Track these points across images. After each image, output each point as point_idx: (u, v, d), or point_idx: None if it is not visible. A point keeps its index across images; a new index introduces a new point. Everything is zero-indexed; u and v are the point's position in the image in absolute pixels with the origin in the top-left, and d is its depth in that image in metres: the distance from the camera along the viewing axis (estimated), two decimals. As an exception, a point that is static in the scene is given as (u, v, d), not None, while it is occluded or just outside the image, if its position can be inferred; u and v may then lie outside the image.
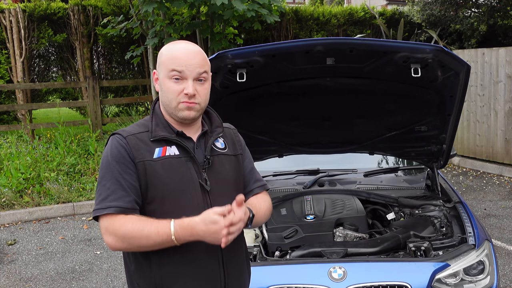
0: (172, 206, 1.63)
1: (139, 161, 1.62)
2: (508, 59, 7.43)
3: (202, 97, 1.68)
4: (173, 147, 1.67)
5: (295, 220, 2.81)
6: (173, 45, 1.70)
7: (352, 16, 11.24)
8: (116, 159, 1.61)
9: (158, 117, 1.71)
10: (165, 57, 1.67)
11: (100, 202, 1.59)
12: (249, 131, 3.12)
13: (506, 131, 7.61)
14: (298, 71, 2.66)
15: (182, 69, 1.63)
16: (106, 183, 1.60)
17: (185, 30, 8.10)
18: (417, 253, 2.50)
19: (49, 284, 4.25)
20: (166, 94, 1.66)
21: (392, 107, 2.98)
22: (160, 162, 1.63)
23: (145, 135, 1.67)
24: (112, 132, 1.71)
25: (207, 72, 1.68)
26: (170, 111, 1.68)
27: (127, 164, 1.61)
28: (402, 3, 17.47)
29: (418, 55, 2.43)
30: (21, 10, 9.02)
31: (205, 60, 1.69)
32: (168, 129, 1.69)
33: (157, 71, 1.71)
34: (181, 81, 1.64)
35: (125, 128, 1.71)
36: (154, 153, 1.64)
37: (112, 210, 1.57)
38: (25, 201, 6.20)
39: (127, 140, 1.63)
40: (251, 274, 1.92)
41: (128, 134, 1.66)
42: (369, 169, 3.52)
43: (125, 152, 1.61)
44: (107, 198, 1.59)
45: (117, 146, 1.62)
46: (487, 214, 5.76)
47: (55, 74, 10.72)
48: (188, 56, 1.64)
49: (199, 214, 1.56)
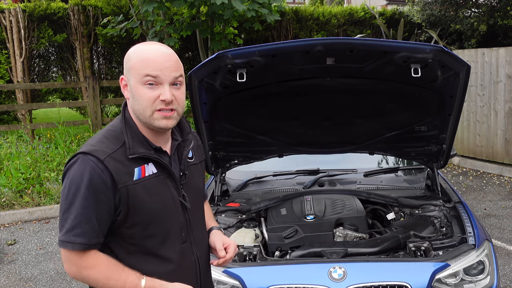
0: (155, 230, 1.54)
1: (122, 187, 1.46)
2: (508, 59, 7.43)
3: (180, 103, 1.54)
4: (150, 164, 1.54)
5: (295, 220, 2.81)
6: (143, 47, 1.53)
7: (352, 16, 11.25)
8: (90, 189, 1.43)
9: (133, 130, 1.54)
10: (136, 61, 1.49)
11: (66, 233, 1.44)
12: (249, 131, 3.13)
13: (506, 131, 7.61)
14: (298, 71, 2.66)
15: (157, 74, 1.47)
16: (73, 211, 1.43)
17: (185, 30, 8.10)
18: (417, 253, 2.50)
19: (49, 284, 4.25)
20: (139, 102, 1.49)
21: (392, 107, 2.98)
22: (141, 184, 1.49)
23: (121, 152, 1.49)
24: (81, 151, 1.47)
25: (182, 76, 1.55)
26: (144, 120, 1.51)
27: (103, 194, 1.44)
28: (402, 3, 17.48)
29: (418, 55, 2.43)
30: (21, 10, 9.02)
31: (179, 62, 1.55)
32: (145, 144, 1.53)
33: (126, 76, 1.53)
34: (155, 86, 1.48)
35: (94, 144, 1.49)
36: (133, 174, 1.49)
37: (76, 247, 1.44)
38: (25, 201, 6.20)
39: (105, 165, 1.44)
40: (251, 274, 1.95)
41: (104, 155, 1.45)
42: (369, 169, 3.52)
43: (101, 182, 1.43)
44: (72, 230, 1.43)
45: (92, 173, 1.43)
46: (487, 214, 5.76)
47: (55, 74, 10.72)
48: (162, 59, 1.49)
49: (180, 235, 1.59)
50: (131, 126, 1.54)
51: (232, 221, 2.95)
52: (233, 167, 3.40)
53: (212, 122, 2.94)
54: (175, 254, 1.58)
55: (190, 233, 1.64)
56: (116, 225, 1.49)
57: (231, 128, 3.06)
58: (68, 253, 1.47)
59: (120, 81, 1.57)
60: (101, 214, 1.45)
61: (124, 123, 1.54)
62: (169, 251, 1.57)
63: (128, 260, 1.52)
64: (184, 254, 1.61)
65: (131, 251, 1.52)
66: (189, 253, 1.64)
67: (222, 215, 3.00)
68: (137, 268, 1.51)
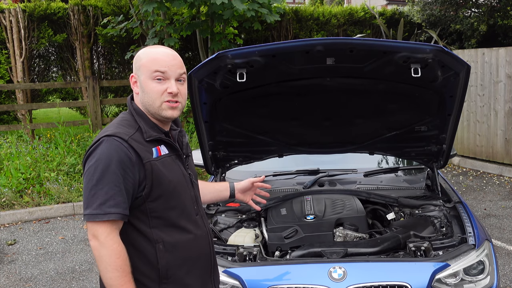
0: (175, 202, 1.74)
1: (146, 162, 1.66)
2: (508, 59, 7.43)
3: (183, 96, 1.78)
4: (163, 146, 1.77)
5: (295, 220, 2.81)
6: (152, 49, 1.78)
7: (352, 16, 11.25)
8: (118, 165, 1.61)
9: (143, 118, 1.76)
10: (146, 60, 1.73)
11: (99, 206, 1.59)
12: (249, 131, 3.13)
13: (506, 131, 7.61)
14: (298, 71, 2.65)
15: (165, 70, 1.71)
16: (104, 186, 1.59)
17: (185, 30, 8.10)
18: (417, 253, 2.49)
19: (49, 284, 4.25)
20: (149, 94, 1.73)
21: (392, 107, 2.98)
22: (160, 161, 1.71)
23: (138, 135, 1.71)
24: (104, 134, 1.67)
25: (185, 73, 1.80)
26: (153, 111, 1.74)
27: (130, 169, 1.63)
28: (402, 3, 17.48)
29: (418, 55, 2.43)
30: (21, 10, 9.02)
31: (183, 62, 1.79)
32: (157, 129, 1.77)
33: (136, 74, 1.76)
34: (163, 81, 1.72)
35: (114, 129, 1.69)
36: (152, 153, 1.71)
37: (113, 216, 1.59)
38: (25, 201, 6.20)
39: (129, 143, 1.65)
40: (251, 274, 2.05)
41: (127, 136, 1.67)
42: (369, 169, 3.52)
43: (127, 159, 1.63)
44: (106, 203, 1.59)
45: (119, 152, 1.62)
46: (487, 214, 5.76)
47: (55, 74, 10.72)
48: (169, 58, 1.74)
49: (193, 208, 1.81)
50: (141, 115, 1.76)
51: (232, 221, 2.95)
52: (233, 167, 3.40)
53: (212, 122, 2.94)
54: (192, 224, 1.80)
55: (199, 207, 1.88)
56: (140, 200, 1.67)
57: (231, 128, 3.06)
58: (97, 226, 1.59)
59: (130, 79, 1.80)
60: (128, 188, 1.63)
61: (135, 113, 1.76)
62: (187, 222, 1.78)
63: (152, 234, 1.69)
64: (198, 225, 1.83)
65: (153, 225, 1.70)
66: (202, 224, 1.85)
67: (222, 215, 3.00)
68: (160, 240, 1.69)
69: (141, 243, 1.70)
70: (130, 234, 1.69)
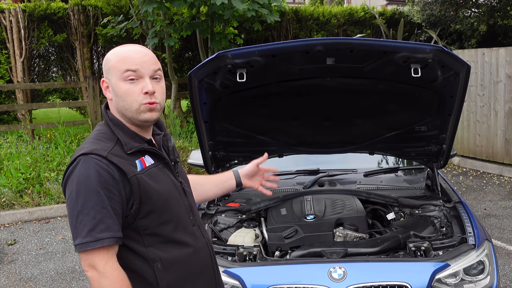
0: (169, 215, 1.59)
1: (131, 176, 1.49)
2: (508, 59, 7.43)
3: (161, 95, 1.60)
4: (147, 156, 1.60)
5: (295, 220, 2.81)
6: (121, 48, 1.60)
7: (352, 16, 11.25)
8: (100, 184, 1.44)
9: (122, 128, 1.58)
10: (115, 61, 1.56)
11: (88, 233, 1.42)
12: (249, 131, 3.12)
13: (506, 131, 7.61)
14: (298, 71, 2.65)
15: (137, 68, 1.53)
16: (89, 211, 1.43)
17: (185, 30, 8.10)
18: (417, 253, 2.49)
19: (49, 284, 4.25)
20: (123, 98, 1.54)
21: (392, 107, 2.98)
22: (146, 173, 1.55)
23: (118, 149, 1.53)
24: (80, 153, 1.49)
25: (161, 70, 1.62)
26: (130, 115, 1.56)
27: (114, 187, 1.46)
28: (402, 3, 17.48)
29: (418, 55, 2.43)
30: (21, 10, 9.02)
31: (156, 58, 1.61)
32: (138, 138, 1.59)
33: (107, 77, 1.58)
34: (137, 81, 1.54)
35: (90, 146, 1.51)
36: (136, 166, 1.54)
37: (106, 242, 1.43)
38: (25, 201, 6.20)
39: (108, 160, 1.47)
40: (251, 274, 2.01)
41: (105, 152, 1.49)
42: (369, 169, 3.52)
43: (110, 174, 1.46)
44: (95, 229, 1.42)
45: (99, 169, 1.45)
46: (487, 214, 5.76)
47: (55, 74, 10.73)
48: (139, 55, 1.56)
49: (188, 218, 1.66)
50: (118, 124, 1.59)
51: (232, 221, 2.95)
52: (233, 167, 3.40)
53: (212, 122, 2.94)
54: (190, 237, 1.64)
55: (195, 217, 1.72)
56: (131, 219, 1.52)
57: (231, 128, 3.06)
58: (92, 256, 1.44)
59: (102, 84, 1.61)
60: (116, 208, 1.47)
61: (112, 124, 1.59)
62: (184, 235, 1.62)
63: (148, 253, 1.54)
64: (196, 236, 1.68)
65: (148, 243, 1.55)
66: (200, 235, 1.71)
67: (222, 215, 3.00)
68: (158, 258, 1.55)
69: (137, 264, 1.54)
70: (124, 256, 1.53)
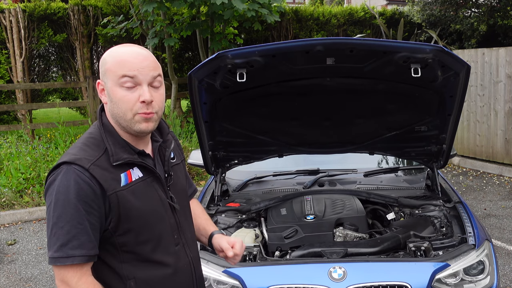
0: (148, 235, 1.49)
1: (111, 193, 1.41)
2: (508, 59, 7.42)
3: (159, 104, 1.48)
4: (135, 168, 1.49)
5: (295, 220, 2.81)
6: (118, 49, 1.48)
7: (352, 16, 11.25)
8: (79, 198, 1.36)
9: (113, 135, 1.48)
10: (112, 63, 1.44)
11: (60, 248, 1.35)
12: (249, 131, 3.13)
13: (506, 131, 7.61)
14: (298, 71, 2.65)
15: (135, 74, 1.42)
16: (64, 224, 1.35)
17: (185, 30, 8.11)
18: (417, 253, 2.50)
19: (49, 284, 4.25)
20: (118, 105, 1.44)
21: (392, 107, 2.98)
22: (130, 189, 1.45)
23: (104, 159, 1.43)
24: (63, 160, 1.41)
25: (161, 76, 1.50)
26: (125, 124, 1.46)
27: (94, 201, 1.38)
28: (402, 3, 17.48)
29: (418, 55, 2.43)
30: (21, 10, 9.03)
31: (157, 62, 1.50)
32: (128, 149, 1.49)
33: (103, 80, 1.47)
34: (134, 88, 1.43)
35: (76, 153, 1.43)
36: (120, 180, 1.44)
37: (77, 260, 1.36)
38: (25, 201, 6.20)
39: (90, 173, 1.38)
40: (251, 274, 1.95)
41: (88, 163, 1.39)
42: (369, 169, 3.52)
43: (90, 189, 1.38)
44: (68, 244, 1.35)
45: (79, 181, 1.37)
46: (487, 214, 5.76)
47: (55, 74, 10.73)
48: (138, 59, 1.44)
49: (172, 237, 1.56)
50: (110, 131, 1.49)
51: (232, 221, 2.95)
52: (233, 167, 3.40)
53: (212, 122, 2.94)
54: (170, 257, 1.55)
55: (182, 235, 1.61)
56: (108, 234, 1.44)
57: (231, 128, 3.06)
58: (64, 271, 1.38)
59: (97, 86, 1.51)
60: (94, 223, 1.39)
61: (103, 130, 1.49)
62: (164, 255, 1.53)
63: (123, 270, 1.47)
64: (178, 256, 1.58)
65: (125, 259, 1.47)
66: (183, 255, 1.61)
67: (222, 215, 3.00)
68: (132, 276, 1.47)
69: (110, 279, 1.47)
70: (99, 269, 1.46)
